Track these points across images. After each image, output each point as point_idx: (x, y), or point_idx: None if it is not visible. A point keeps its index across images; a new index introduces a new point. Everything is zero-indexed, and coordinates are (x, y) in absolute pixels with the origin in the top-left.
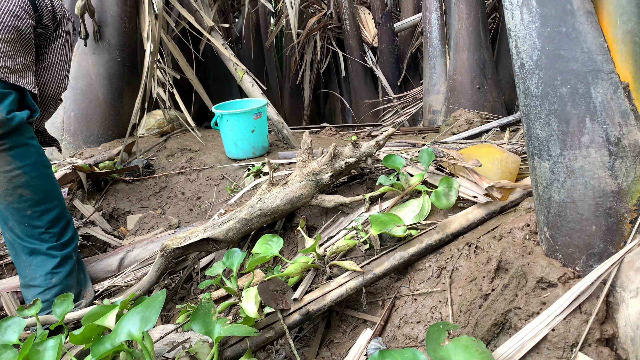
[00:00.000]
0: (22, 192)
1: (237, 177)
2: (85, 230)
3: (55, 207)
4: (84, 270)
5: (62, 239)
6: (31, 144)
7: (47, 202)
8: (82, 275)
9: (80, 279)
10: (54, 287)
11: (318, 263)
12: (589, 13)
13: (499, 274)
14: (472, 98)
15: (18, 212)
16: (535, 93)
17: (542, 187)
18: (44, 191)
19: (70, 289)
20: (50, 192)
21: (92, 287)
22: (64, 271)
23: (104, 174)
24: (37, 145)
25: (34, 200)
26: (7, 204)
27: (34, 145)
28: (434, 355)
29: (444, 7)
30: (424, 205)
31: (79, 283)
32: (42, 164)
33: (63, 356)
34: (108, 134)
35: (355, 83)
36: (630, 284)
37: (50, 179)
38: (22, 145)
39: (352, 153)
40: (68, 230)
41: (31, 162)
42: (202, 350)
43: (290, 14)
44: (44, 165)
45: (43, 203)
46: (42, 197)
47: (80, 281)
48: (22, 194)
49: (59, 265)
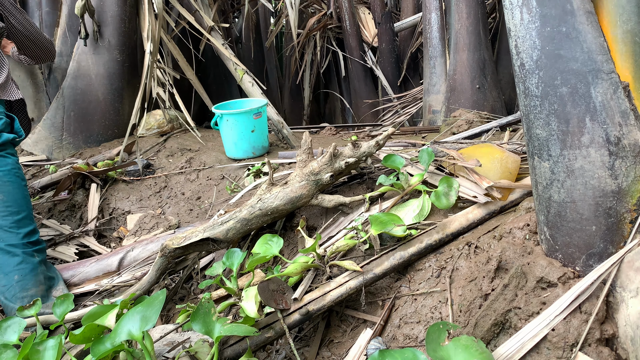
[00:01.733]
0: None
1: (237, 177)
2: (80, 240)
3: (22, 211)
4: (52, 270)
5: (25, 240)
6: (9, 157)
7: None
8: (49, 274)
9: (44, 279)
10: (15, 283)
11: (318, 263)
12: (588, 13)
13: (499, 273)
14: (472, 98)
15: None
16: (535, 93)
17: (542, 186)
18: (13, 195)
19: (33, 286)
20: (19, 197)
21: (63, 286)
22: (26, 268)
23: (103, 171)
24: (15, 160)
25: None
26: None
27: (12, 158)
28: (434, 355)
29: (444, 6)
30: (424, 205)
31: (43, 282)
32: (15, 174)
33: (63, 356)
34: (108, 134)
35: (355, 83)
36: (630, 283)
37: (20, 187)
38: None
39: (352, 153)
40: (34, 235)
41: (6, 170)
42: (202, 350)
43: (290, 13)
44: (17, 175)
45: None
46: (11, 200)
47: (42, 281)
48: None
49: (21, 263)
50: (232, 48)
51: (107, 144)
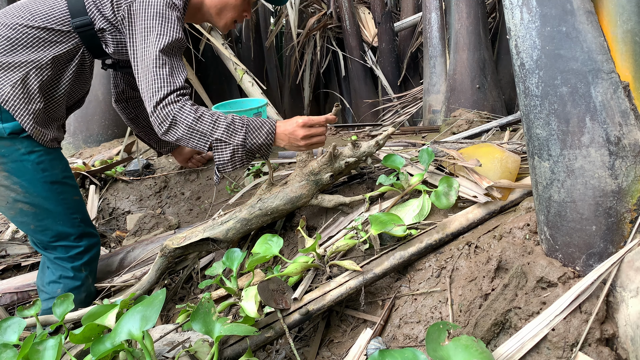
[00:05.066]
0: (22, 206)
1: (237, 177)
2: None
3: (59, 221)
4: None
5: (71, 252)
6: (27, 160)
7: (50, 217)
8: (92, 289)
9: (87, 295)
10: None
11: (318, 263)
12: (588, 12)
13: (499, 273)
14: (472, 98)
15: (22, 225)
16: (535, 93)
17: (542, 186)
18: (44, 207)
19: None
20: (52, 208)
21: None
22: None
23: (101, 170)
24: (34, 161)
25: (36, 215)
26: (12, 217)
27: (31, 161)
28: (434, 355)
29: (444, 6)
30: (423, 205)
31: (84, 300)
32: (40, 180)
33: (63, 356)
34: (108, 133)
35: (355, 83)
36: (631, 283)
37: (52, 193)
38: (15, 161)
39: (352, 153)
40: (78, 245)
41: (28, 179)
42: (202, 350)
43: (290, 13)
44: (44, 182)
45: (45, 218)
46: (42, 211)
47: (84, 299)
48: (22, 209)
49: (65, 277)
50: (232, 48)
51: (107, 144)
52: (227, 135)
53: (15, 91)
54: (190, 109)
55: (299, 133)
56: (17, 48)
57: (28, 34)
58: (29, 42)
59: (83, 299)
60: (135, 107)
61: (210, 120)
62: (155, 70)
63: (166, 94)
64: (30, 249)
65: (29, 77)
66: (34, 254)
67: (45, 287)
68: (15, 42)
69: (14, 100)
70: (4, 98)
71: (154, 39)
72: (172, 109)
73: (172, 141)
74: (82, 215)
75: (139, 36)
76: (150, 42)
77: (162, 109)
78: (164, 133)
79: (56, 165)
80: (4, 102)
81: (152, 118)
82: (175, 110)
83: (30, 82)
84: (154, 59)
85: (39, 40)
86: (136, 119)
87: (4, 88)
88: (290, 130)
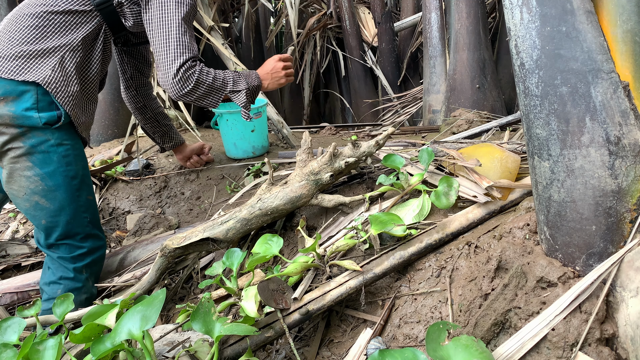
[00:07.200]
0: (38, 200)
1: (237, 177)
2: None
3: (69, 218)
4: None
5: (74, 253)
6: (54, 152)
7: (62, 213)
8: (93, 291)
9: (87, 298)
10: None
11: (318, 262)
12: (588, 12)
13: (499, 273)
14: (472, 97)
15: (34, 219)
16: (535, 92)
17: (542, 186)
18: (60, 201)
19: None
20: (67, 204)
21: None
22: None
23: (100, 169)
24: (61, 153)
25: (50, 210)
26: (26, 210)
27: (58, 153)
28: (434, 355)
29: (444, 6)
30: (423, 205)
31: (84, 302)
32: (63, 173)
33: (63, 356)
34: (108, 133)
35: (355, 83)
36: (631, 283)
37: (70, 189)
38: (43, 152)
39: (352, 153)
40: (83, 246)
41: (50, 170)
42: (202, 350)
43: (290, 13)
44: (65, 175)
45: (58, 215)
46: (57, 207)
47: (84, 301)
48: (38, 202)
49: (66, 278)
50: (232, 48)
51: (107, 144)
52: (236, 86)
53: (55, 74)
54: (208, 70)
55: (279, 65)
56: (48, 35)
57: (55, 20)
58: (57, 27)
59: (83, 301)
60: (145, 95)
61: (221, 79)
62: (178, 36)
63: (188, 58)
64: (31, 249)
65: (64, 60)
66: (34, 254)
67: (45, 288)
68: (45, 30)
69: (55, 83)
70: (46, 80)
71: (174, 7)
72: (195, 72)
73: (189, 100)
74: (91, 216)
75: (156, 5)
76: (171, 10)
77: (186, 72)
78: (185, 93)
79: (79, 162)
80: (47, 84)
81: (173, 80)
82: (197, 73)
83: (67, 64)
84: (177, 26)
85: (65, 24)
86: (144, 109)
87: (45, 71)
88: (270, 67)
